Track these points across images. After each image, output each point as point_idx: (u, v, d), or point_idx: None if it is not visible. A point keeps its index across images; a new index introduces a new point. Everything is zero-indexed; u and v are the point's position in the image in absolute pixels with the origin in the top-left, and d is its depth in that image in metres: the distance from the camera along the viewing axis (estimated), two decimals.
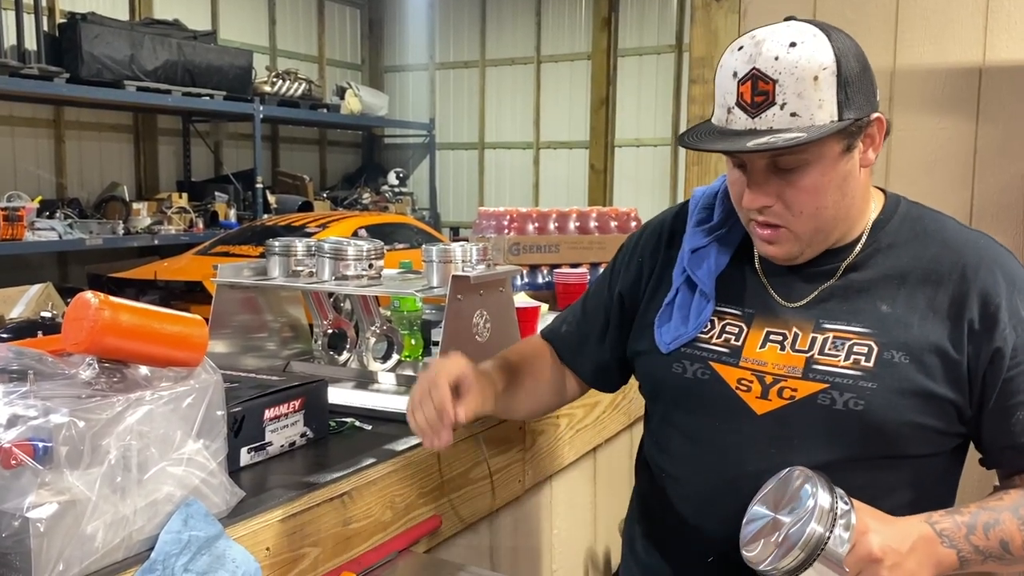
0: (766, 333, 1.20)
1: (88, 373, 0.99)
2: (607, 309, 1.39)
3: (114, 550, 0.97)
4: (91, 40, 6.62)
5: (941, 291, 1.15)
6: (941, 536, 1.05)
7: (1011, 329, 1.12)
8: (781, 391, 1.16)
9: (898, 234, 1.21)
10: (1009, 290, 1.14)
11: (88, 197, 7.66)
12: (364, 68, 11.15)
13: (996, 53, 2.03)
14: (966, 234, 1.22)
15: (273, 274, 1.81)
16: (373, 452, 1.40)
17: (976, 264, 1.16)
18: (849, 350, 1.15)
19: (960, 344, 1.13)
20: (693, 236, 1.28)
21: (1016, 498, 1.11)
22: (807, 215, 1.13)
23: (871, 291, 1.18)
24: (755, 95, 1.07)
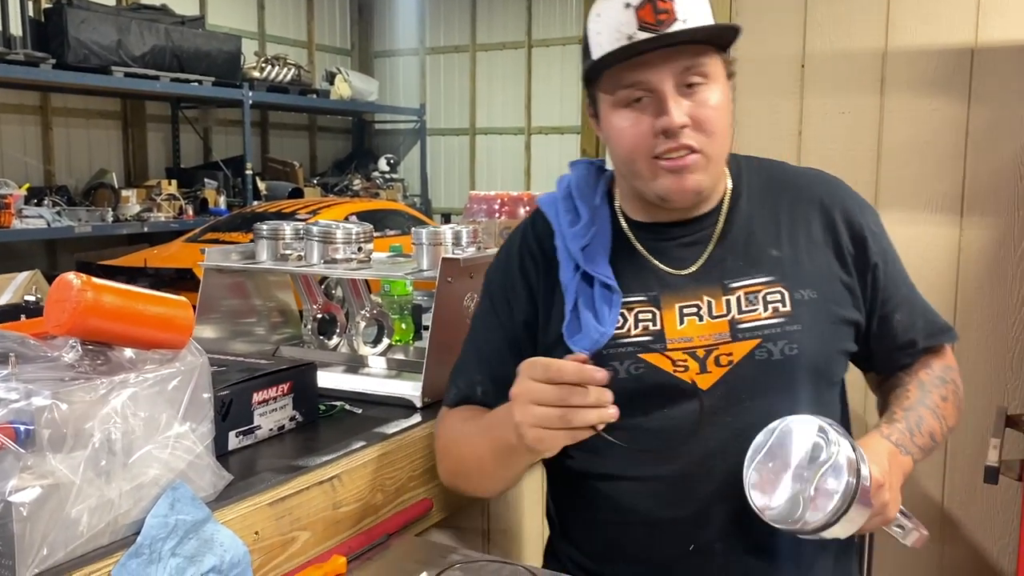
0: (679, 309, 1.21)
1: (71, 356, 0.97)
2: (514, 343, 1.28)
3: (99, 534, 0.96)
4: (77, 25, 6.55)
5: (812, 224, 1.25)
6: (899, 447, 1.15)
7: (873, 243, 1.25)
8: (718, 360, 1.18)
9: (752, 185, 1.28)
10: (860, 211, 1.27)
11: (76, 184, 7.60)
12: (354, 53, 11.08)
13: (988, 34, 2.02)
14: (804, 170, 1.35)
15: (261, 258, 1.80)
16: (363, 435, 1.39)
17: (829, 193, 1.28)
18: (764, 301, 1.19)
19: (847, 267, 1.24)
20: (575, 236, 1.26)
21: (917, 392, 1.25)
22: (718, 134, 1.16)
23: (754, 240, 1.23)
24: (657, 15, 1.10)
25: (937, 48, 2.07)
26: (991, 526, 2.12)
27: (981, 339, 2.07)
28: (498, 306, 1.32)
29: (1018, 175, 2.02)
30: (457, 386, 1.33)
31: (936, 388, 1.26)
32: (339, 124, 11.05)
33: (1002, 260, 2.04)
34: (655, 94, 1.13)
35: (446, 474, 1.34)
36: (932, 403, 1.24)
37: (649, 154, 1.16)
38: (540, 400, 1.00)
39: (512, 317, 1.30)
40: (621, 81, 1.15)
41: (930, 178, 2.10)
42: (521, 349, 1.26)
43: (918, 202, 2.11)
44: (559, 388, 0.99)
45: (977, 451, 2.05)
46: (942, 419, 1.24)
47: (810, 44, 2.20)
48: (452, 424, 1.31)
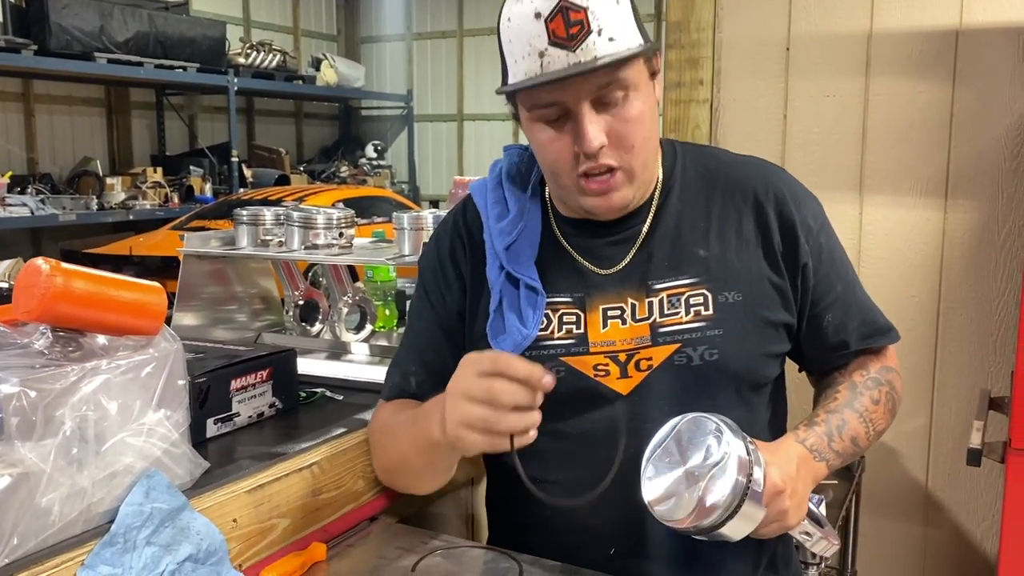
0: (603, 312, 1.17)
1: (41, 342, 0.96)
2: (448, 332, 1.26)
3: (72, 523, 0.94)
4: (59, 11, 6.48)
5: (744, 220, 1.20)
6: (812, 451, 1.13)
7: (806, 242, 1.20)
8: (638, 364, 1.15)
9: (685, 177, 1.23)
10: (795, 205, 1.21)
11: (60, 172, 7.54)
12: (340, 39, 11.01)
13: (973, 15, 2.01)
14: (741, 160, 1.28)
15: (241, 244, 1.78)
16: (344, 422, 1.38)
17: (764, 186, 1.22)
18: (687, 304, 1.16)
19: (777, 267, 1.19)
20: (501, 233, 1.21)
21: (847, 394, 1.21)
22: (638, 147, 1.11)
23: (681, 239, 1.19)
24: (569, 27, 1.03)
25: (922, 30, 2.06)
26: (974, 508, 2.13)
27: (965, 322, 2.07)
28: (432, 295, 1.28)
29: (1002, 157, 2.01)
30: (392, 379, 1.30)
31: (868, 391, 1.23)
32: (325, 110, 10.98)
33: (986, 243, 2.04)
34: (571, 113, 1.08)
35: (379, 471, 1.31)
36: (860, 406, 1.20)
37: (572, 171, 1.11)
38: (471, 395, 0.98)
39: (445, 307, 1.26)
40: (536, 101, 1.09)
41: (915, 161, 2.09)
42: (455, 338, 1.25)
43: (903, 185, 2.11)
44: (488, 384, 0.97)
45: (960, 434, 2.06)
46: (869, 423, 1.20)
47: (795, 27, 2.19)
48: (383, 418, 1.28)
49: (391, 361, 1.34)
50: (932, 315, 2.09)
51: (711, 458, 0.99)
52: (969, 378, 2.08)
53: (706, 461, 0.99)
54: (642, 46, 1.08)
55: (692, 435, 1.01)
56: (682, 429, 1.03)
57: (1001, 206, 2.02)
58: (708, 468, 0.98)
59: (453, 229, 1.29)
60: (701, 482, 0.98)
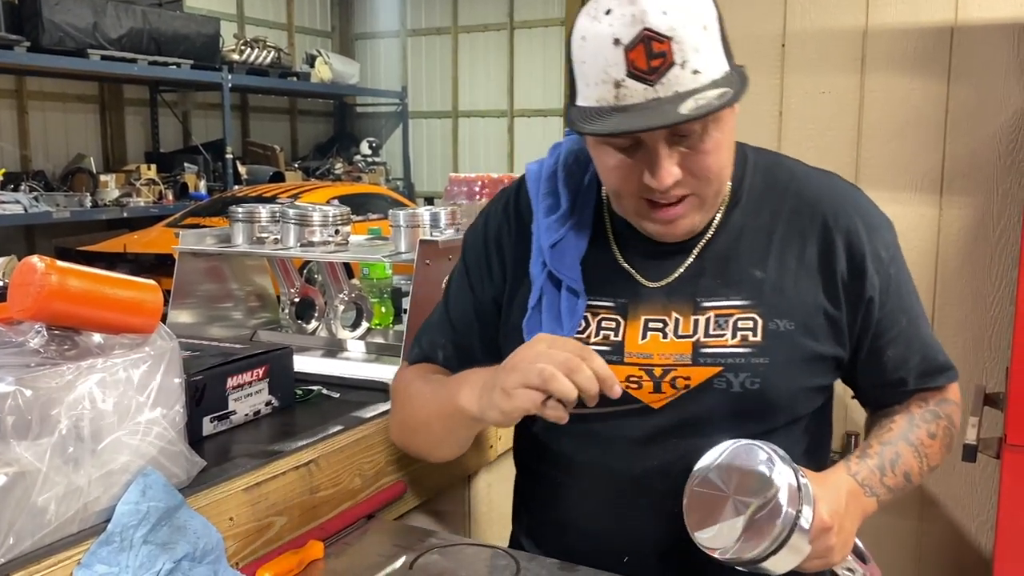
0: (645, 322, 1.12)
1: (37, 341, 0.95)
2: (481, 316, 1.24)
3: (68, 522, 0.94)
4: (52, 7, 6.46)
5: (808, 245, 1.13)
6: (863, 487, 1.08)
7: (875, 274, 1.13)
8: (674, 382, 1.10)
9: (752, 189, 1.16)
10: (868, 233, 1.14)
11: (54, 169, 7.52)
12: (334, 35, 10.99)
13: (968, 12, 2.01)
14: (816, 178, 1.19)
15: (237, 241, 1.77)
16: (341, 419, 1.37)
17: (835, 211, 1.14)
18: (734, 327, 1.10)
19: (836, 299, 1.12)
20: (548, 229, 1.16)
21: (903, 425, 1.16)
22: (713, 176, 1.05)
23: (739, 257, 1.13)
24: (651, 59, 0.95)
25: (917, 27, 2.06)
26: (969, 504, 2.13)
27: (960, 318, 2.07)
28: (472, 276, 1.25)
29: (997, 154, 2.02)
30: (420, 345, 1.29)
31: (925, 424, 1.17)
32: (320, 107, 10.96)
33: (981, 239, 2.05)
34: (644, 144, 1.01)
35: (396, 429, 1.31)
36: (916, 439, 1.15)
37: (637, 195, 1.05)
38: (549, 359, 0.97)
39: (484, 291, 1.24)
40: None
41: (910, 157, 2.10)
42: (487, 322, 1.24)
43: (898, 182, 2.11)
44: (570, 358, 0.97)
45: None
46: (923, 458, 1.15)
47: (790, 23, 2.19)
48: (408, 380, 1.27)
49: (423, 324, 1.32)
50: (927, 311, 2.09)
51: (761, 488, 0.95)
52: (964, 374, 2.06)
53: (755, 491, 0.95)
54: (729, 73, 0.99)
55: (741, 463, 0.98)
56: (731, 455, 0.99)
57: (996, 202, 2.03)
58: (757, 499, 0.94)
59: (503, 211, 1.25)
60: (748, 512, 0.94)
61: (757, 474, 0.96)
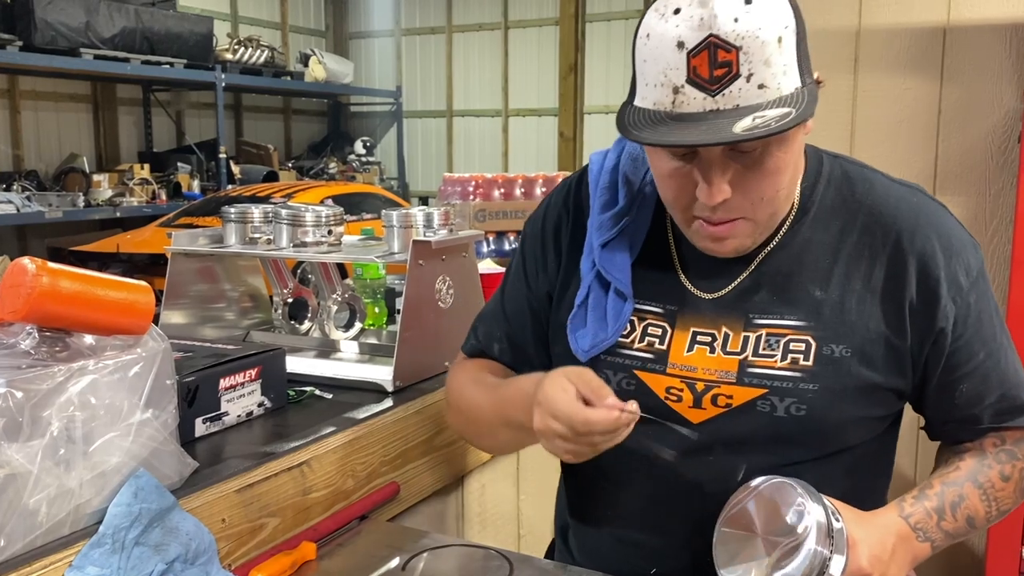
0: (692, 334, 1.08)
1: (28, 342, 0.95)
2: (535, 311, 1.22)
3: (60, 524, 0.94)
4: (44, 6, 6.43)
5: (877, 267, 1.05)
6: (916, 530, 1.02)
7: (950, 302, 1.04)
8: (715, 399, 1.05)
9: (824, 200, 1.08)
10: (946, 257, 1.05)
11: (46, 169, 7.50)
12: (328, 35, 10.97)
13: (960, 12, 2.02)
14: (896, 192, 1.09)
15: (229, 241, 1.77)
16: (333, 420, 1.37)
17: (911, 230, 1.05)
18: (785, 348, 1.04)
19: (902, 328, 1.04)
20: (600, 227, 1.13)
21: (972, 464, 1.08)
22: (767, 200, 0.99)
23: (801, 273, 1.06)
24: (714, 68, 0.89)
25: (910, 27, 2.07)
26: None
27: None
28: (528, 268, 1.23)
29: (989, 154, 2.03)
30: (477, 336, 1.29)
31: (999, 464, 1.08)
32: (314, 107, 10.94)
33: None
34: (700, 155, 0.96)
35: (456, 426, 1.34)
36: (986, 480, 1.06)
37: (688, 210, 1.01)
38: (568, 440, 0.97)
39: (538, 285, 1.21)
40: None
41: (903, 157, 2.10)
42: (540, 318, 1.22)
43: None
44: (588, 436, 0.96)
45: None
46: (992, 501, 1.06)
47: None
48: (464, 382, 1.25)
49: (480, 312, 1.32)
50: None
51: (790, 529, 0.92)
52: None
53: (785, 532, 0.92)
54: (799, 89, 0.92)
55: (774, 501, 0.95)
56: (763, 492, 0.96)
57: (989, 202, 2.04)
58: (785, 539, 0.92)
59: (563, 202, 1.21)
60: (776, 554, 0.92)
61: (788, 513, 0.93)
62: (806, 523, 0.91)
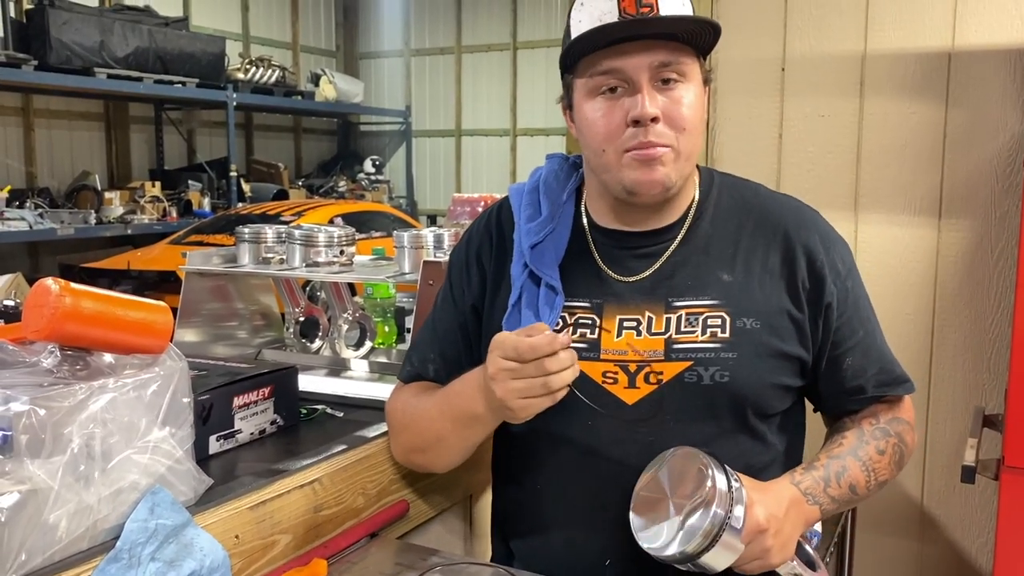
0: (619, 321, 1.20)
1: (50, 361, 0.97)
2: (463, 327, 1.32)
3: (78, 539, 0.95)
4: (59, 26, 6.52)
5: (772, 253, 1.22)
6: (806, 495, 1.14)
7: (832, 284, 1.21)
8: (648, 376, 1.17)
9: (719, 203, 1.26)
10: (825, 248, 1.23)
11: (59, 186, 7.56)
12: (339, 55, 11.07)
13: (965, 37, 2.04)
14: (779, 198, 1.30)
15: (243, 261, 1.80)
16: (344, 438, 1.39)
17: (796, 226, 1.24)
18: (704, 324, 1.17)
19: (799, 303, 1.20)
20: (528, 233, 1.25)
21: (853, 441, 1.22)
22: (689, 131, 1.14)
23: (708, 262, 1.21)
24: (640, 6, 1.10)
25: (915, 52, 2.09)
26: (969, 525, 2.14)
27: (959, 340, 2.09)
28: (455, 288, 1.33)
29: (995, 177, 2.04)
30: (412, 362, 1.35)
31: (875, 440, 1.23)
32: (324, 126, 11.03)
33: (980, 262, 2.07)
34: (630, 85, 1.13)
35: (401, 449, 1.35)
36: (864, 455, 1.21)
37: (620, 146, 1.14)
38: (519, 375, 1.05)
39: (464, 300, 1.31)
40: (596, 67, 1.13)
41: (909, 180, 2.12)
42: (469, 333, 1.31)
43: (897, 205, 2.13)
44: (535, 363, 1.04)
45: (955, 451, 2.07)
46: (871, 472, 1.21)
47: (790, 47, 2.22)
48: (406, 399, 1.32)
49: (411, 342, 1.40)
50: (926, 333, 2.11)
51: (696, 490, 1.02)
52: (963, 395, 2.10)
53: (692, 494, 1.03)
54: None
55: (682, 468, 1.05)
56: (672, 462, 1.07)
57: (994, 225, 2.05)
58: (692, 500, 1.02)
59: (485, 227, 1.34)
60: (683, 512, 1.02)
61: (693, 476, 1.03)
62: (708, 484, 1.02)
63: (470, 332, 1.31)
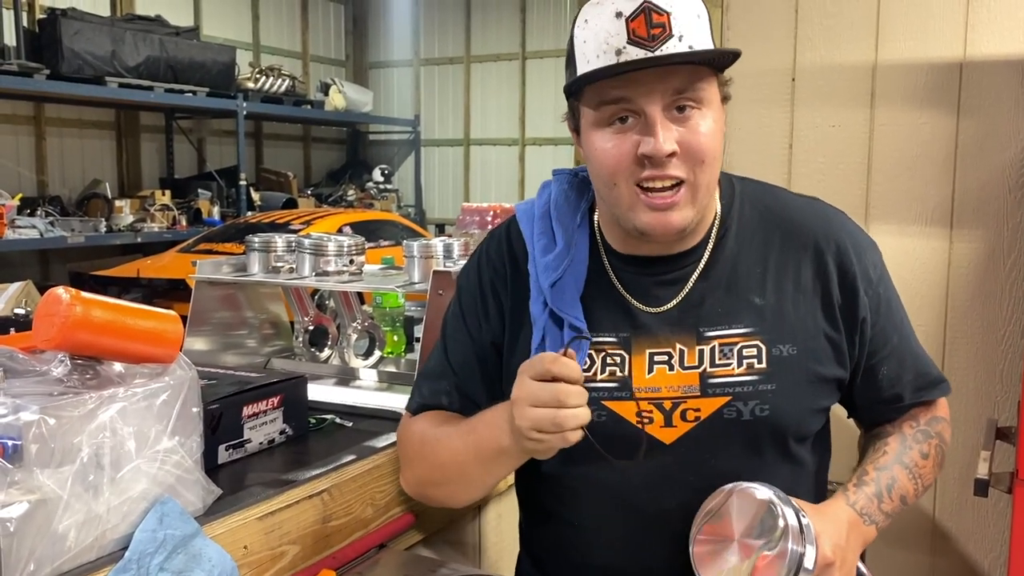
0: (650, 356, 1.13)
1: (60, 370, 0.97)
2: (482, 360, 1.23)
3: (87, 549, 0.95)
4: (71, 36, 6.56)
5: (803, 268, 1.16)
6: (862, 515, 1.11)
7: (865, 294, 1.16)
8: (684, 414, 1.11)
9: (743, 216, 1.18)
10: (857, 253, 1.17)
11: (70, 195, 7.60)
12: (348, 64, 11.10)
13: (977, 48, 2.03)
14: (802, 203, 1.23)
15: (253, 270, 1.80)
16: (353, 449, 1.39)
17: (824, 233, 1.17)
18: (739, 355, 1.11)
19: (835, 321, 1.15)
20: (546, 268, 1.16)
21: (896, 447, 1.19)
22: (708, 163, 1.06)
23: (737, 284, 1.14)
24: (651, 28, 1.00)
25: (926, 62, 2.09)
26: (982, 539, 2.12)
27: (971, 352, 2.07)
28: (468, 318, 1.25)
29: (1007, 188, 2.03)
30: (422, 394, 1.28)
31: (917, 444, 1.20)
32: (333, 135, 11.06)
33: (991, 273, 2.05)
34: (642, 116, 1.04)
35: (415, 482, 1.27)
36: (910, 460, 1.18)
37: (631, 179, 1.05)
38: (537, 402, 1.00)
39: (482, 335, 1.23)
40: (605, 96, 1.05)
41: (920, 191, 2.11)
42: (489, 366, 1.23)
43: (908, 215, 2.12)
44: (554, 389, 0.99)
45: (968, 464, 2.05)
46: (917, 479, 1.18)
47: (800, 57, 2.21)
48: (424, 428, 1.24)
49: (421, 371, 1.32)
50: (938, 344, 2.10)
51: (765, 531, 0.98)
52: (976, 408, 2.08)
53: (760, 534, 0.98)
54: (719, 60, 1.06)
55: (746, 506, 1.01)
56: (734, 497, 1.02)
57: (1006, 236, 2.03)
58: (761, 541, 0.98)
59: (496, 254, 1.25)
60: (754, 556, 0.98)
61: (761, 517, 0.99)
62: (779, 524, 0.97)
63: (489, 367, 1.23)
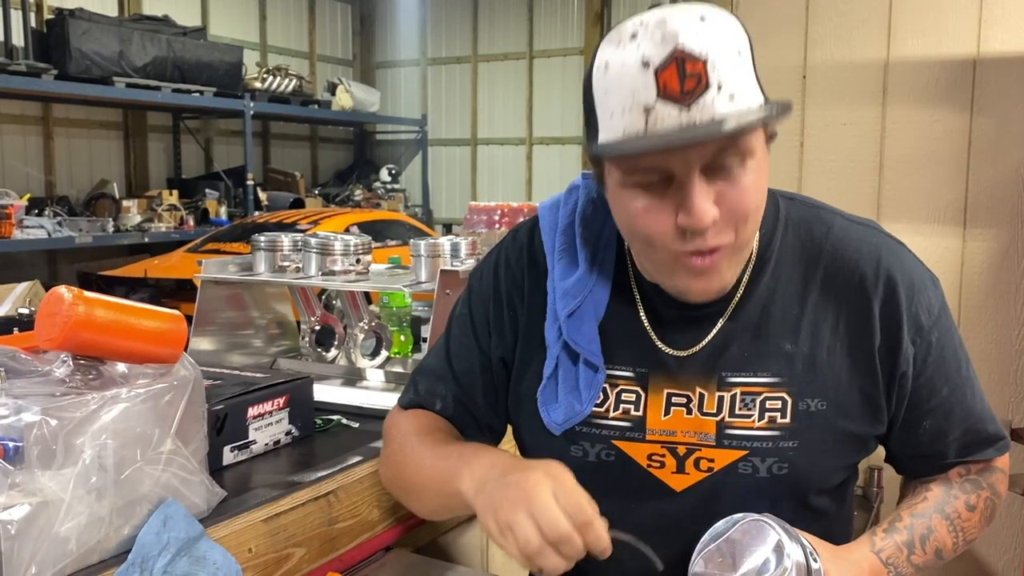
0: (667, 397, 1.04)
1: (62, 370, 0.96)
2: (486, 370, 1.15)
3: (90, 552, 0.94)
4: (79, 36, 6.57)
5: (843, 314, 1.03)
6: (887, 566, 1.02)
7: (910, 345, 1.03)
8: (698, 462, 1.03)
9: (784, 247, 1.06)
10: (908, 298, 1.03)
11: (77, 195, 7.62)
12: (355, 64, 11.11)
13: (990, 45, 2.01)
14: (856, 234, 1.07)
15: (259, 269, 1.79)
16: (360, 450, 1.37)
17: (874, 272, 1.03)
18: (762, 407, 1.02)
19: (873, 374, 1.03)
20: (564, 295, 1.07)
21: (939, 494, 1.08)
22: (750, 220, 0.94)
23: (768, 326, 1.03)
24: (685, 80, 0.85)
25: (939, 59, 2.06)
26: (996, 541, 2.10)
27: (985, 352, 2.05)
28: (478, 325, 1.15)
29: (1021, 186, 2.00)
30: (417, 390, 1.19)
31: (964, 494, 1.08)
32: (341, 134, 11.06)
33: (1005, 271, 2.03)
34: (677, 180, 0.90)
35: (385, 479, 1.22)
36: (952, 511, 1.06)
37: (669, 249, 0.94)
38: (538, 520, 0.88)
39: (492, 348, 1.14)
40: (634, 164, 0.92)
41: (933, 189, 2.09)
42: (493, 380, 1.15)
43: (921, 214, 2.10)
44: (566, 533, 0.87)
45: None
46: (959, 532, 1.06)
47: (811, 55, 2.19)
48: (406, 433, 1.16)
49: (419, 367, 1.24)
50: None
51: (768, 570, 0.91)
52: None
53: (762, 572, 0.92)
54: (764, 106, 0.90)
55: (749, 539, 0.94)
56: (739, 531, 0.95)
57: (1020, 234, 2.01)
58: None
59: (517, 263, 1.14)
60: None
61: (764, 555, 0.92)
62: (785, 564, 0.91)
63: (496, 381, 1.15)
